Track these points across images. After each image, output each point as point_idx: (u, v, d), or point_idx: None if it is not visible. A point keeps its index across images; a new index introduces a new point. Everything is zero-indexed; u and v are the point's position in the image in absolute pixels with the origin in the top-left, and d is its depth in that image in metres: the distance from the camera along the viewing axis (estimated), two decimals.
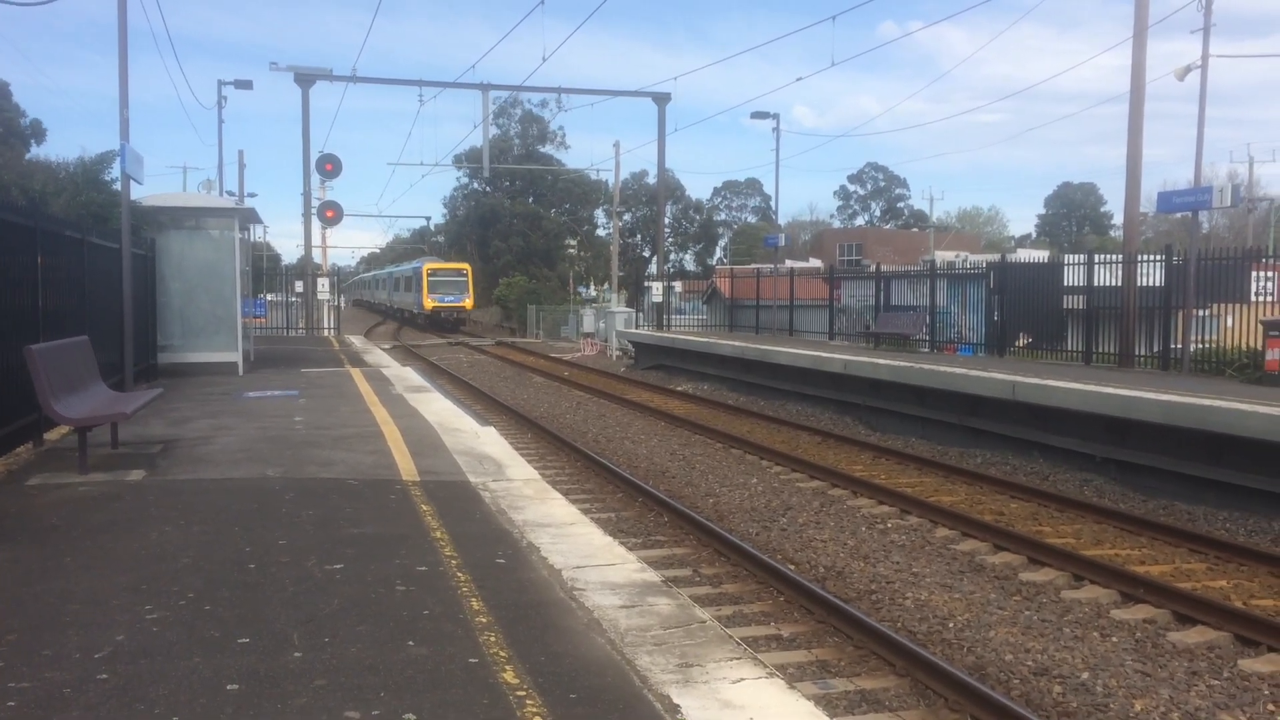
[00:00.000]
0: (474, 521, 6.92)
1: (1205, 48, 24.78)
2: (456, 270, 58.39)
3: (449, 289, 56.29)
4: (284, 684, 4.05)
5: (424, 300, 55.71)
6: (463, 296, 56.73)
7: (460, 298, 56.56)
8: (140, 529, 6.63)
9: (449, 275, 57.53)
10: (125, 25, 13.63)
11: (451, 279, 56.93)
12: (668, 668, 4.29)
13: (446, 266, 59.41)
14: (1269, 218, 60.54)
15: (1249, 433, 10.96)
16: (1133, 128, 19.37)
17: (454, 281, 56.86)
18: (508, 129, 77.78)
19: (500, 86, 38.31)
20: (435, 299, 55.69)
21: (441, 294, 55.97)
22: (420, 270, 57.29)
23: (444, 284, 56.24)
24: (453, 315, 55.84)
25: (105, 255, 13.48)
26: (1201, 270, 17.47)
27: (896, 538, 10.33)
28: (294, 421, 11.64)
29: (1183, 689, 6.52)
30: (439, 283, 56.22)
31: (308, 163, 34.30)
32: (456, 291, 56.39)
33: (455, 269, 58.76)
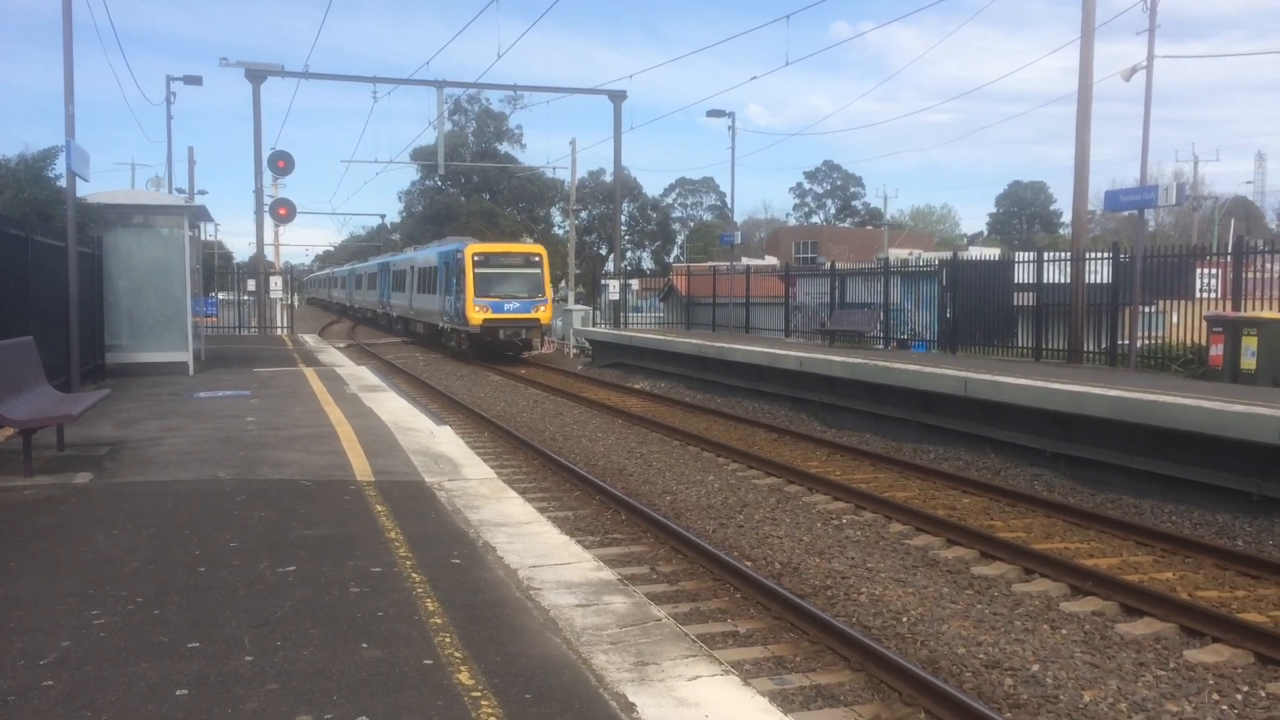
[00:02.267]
0: (429, 521, 6.88)
1: (1151, 49, 25.24)
2: (525, 257, 32.77)
3: (512, 288, 31.66)
4: (235, 688, 4.00)
5: (468, 308, 30.94)
6: (536, 302, 31.81)
7: (532, 303, 31.67)
8: (87, 533, 6.51)
9: (512, 265, 32.21)
10: (70, 19, 13.37)
11: (517, 271, 32.07)
12: (624, 666, 4.29)
13: (507, 249, 33.76)
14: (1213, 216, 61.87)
15: (1192, 427, 11.19)
16: (1080, 127, 19.68)
17: (521, 276, 32.01)
18: (464, 126, 77.44)
19: (455, 84, 38.11)
20: (487, 306, 31.03)
21: (500, 297, 31.32)
22: (460, 258, 32.03)
23: (503, 280, 31.67)
24: (517, 335, 31.27)
25: (50, 254, 13.22)
26: (1147, 268, 17.81)
27: (851, 533, 10.41)
28: (246, 422, 11.49)
29: (1130, 680, 6.65)
30: (496, 278, 31.56)
31: (259, 160, 33.89)
32: (526, 293, 31.75)
33: (522, 253, 33.31)
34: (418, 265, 40.52)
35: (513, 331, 30.90)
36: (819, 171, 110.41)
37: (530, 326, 31.36)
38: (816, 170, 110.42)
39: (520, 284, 31.61)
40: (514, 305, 31.03)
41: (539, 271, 32.07)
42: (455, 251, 32.90)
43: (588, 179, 79.53)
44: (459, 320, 32.01)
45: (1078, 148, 19.71)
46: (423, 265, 39.13)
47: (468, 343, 31.81)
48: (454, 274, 32.56)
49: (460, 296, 31.58)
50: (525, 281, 31.79)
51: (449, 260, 33.55)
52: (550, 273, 33.10)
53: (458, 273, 31.98)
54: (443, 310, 34.56)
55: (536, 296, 31.62)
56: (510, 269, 31.88)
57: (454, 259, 32.73)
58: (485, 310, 30.72)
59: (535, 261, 32.31)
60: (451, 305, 32.98)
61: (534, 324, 31.53)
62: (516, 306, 31.04)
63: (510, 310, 30.95)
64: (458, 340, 33.00)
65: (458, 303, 31.96)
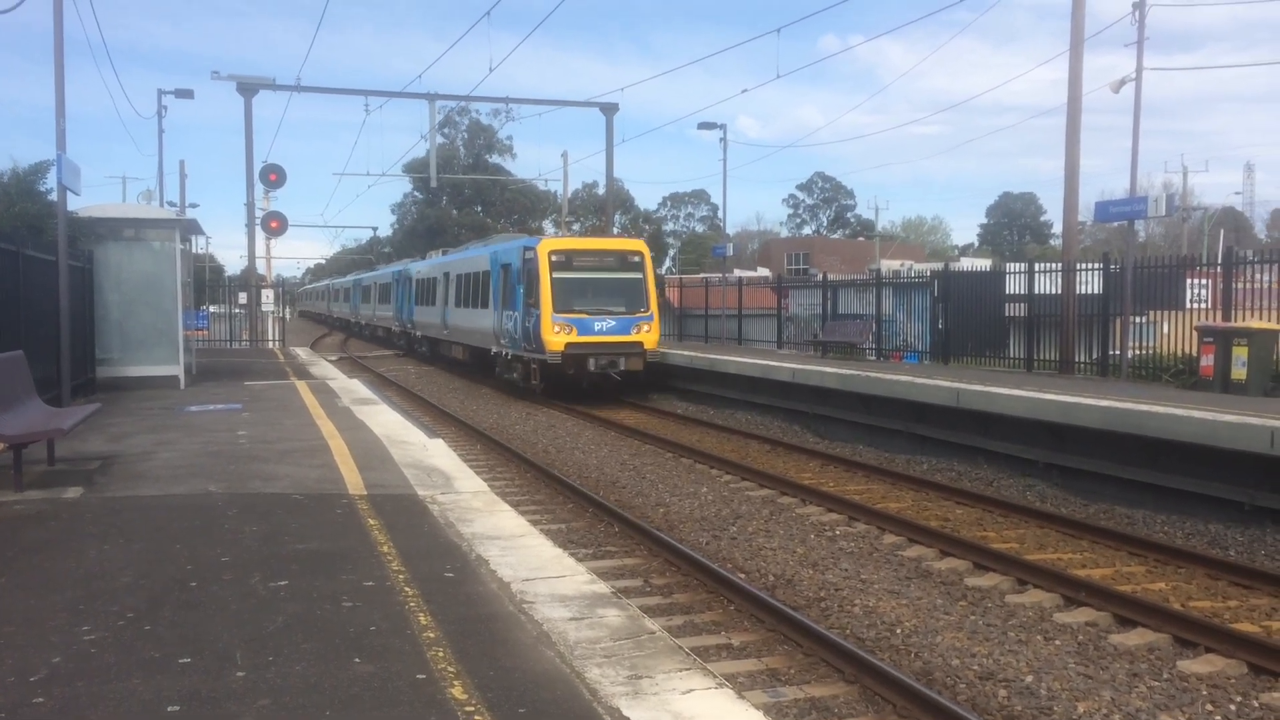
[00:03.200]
0: (422, 535, 6.86)
1: (1139, 61, 25.40)
2: (621, 256, 23.99)
3: (606, 299, 23.14)
4: (226, 704, 3.98)
5: (542, 328, 22.46)
6: (638, 319, 23.05)
7: (632, 321, 22.96)
8: (78, 547, 6.48)
9: (604, 267, 23.66)
10: (61, 34, 13.37)
11: (611, 276, 23.53)
12: (618, 680, 4.28)
13: (596, 246, 24.69)
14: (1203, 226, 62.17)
15: (1184, 437, 11.22)
16: (1070, 139, 19.78)
17: (617, 283, 23.48)
18: (455, 139, 77.51)
19: (447, 96, 38.19)
20: (569, 325, 22.47)
21: (588, 312, 22.73)
22: (529, 258, 23.49)
23: (593, 288, 23.14)
24: (613, 365, 22.68)
25: (41, 267, 13.19)
26: (1138, 278, 17.87)
27: (845, 545, 10.41)
28: (237, 436, 11.46)
29: (1124, 690, 6.64)
30: (582, 285, 23.09)
31: (251, 173, 33.84)
32: (624, 305, 23.16)
33: (617, 250, 24.34)
34: (456, 272, 30.92)
35: (607, 360, 22.08)
36: (811, 183, 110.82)
37: (630, 353, 22.25)
38: (808, 182, 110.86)
39: (616, 293, 22.92)
40: (608, 324, 22.31)
41: (640, 276, 23.16)
42: (521, 250, 23.83)
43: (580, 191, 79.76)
44: (528, 344, 22.96)
45: (1067, 159, 19.81)
46: (464, 271, 29.73)
47: (540, 374, 22.66)
48: (518, 280, 23.67)
49: (530, 312, 22.71)
50: (623, 290, 22.97)
51: (509, 262, 24.66)
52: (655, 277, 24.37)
53: (526, 279, 23.11)
54: (498, 330, 25.28)
55: (638, 310, 22.77)
56: (602, 272, 23.06)
57: (519, 260, 23.76)
58: (567, 330, 22.00)
59: (635, 262, 23.33)
60: (514, 324, 23.85)
61: (635, 350, 22.35)
62: (612, 326, 22.31)
63: (602, 331, 22.29)
64: (522, 371, 23.81)
65: (526, 320, 22.98)
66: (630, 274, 23.34)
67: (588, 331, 22.31)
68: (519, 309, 23.66)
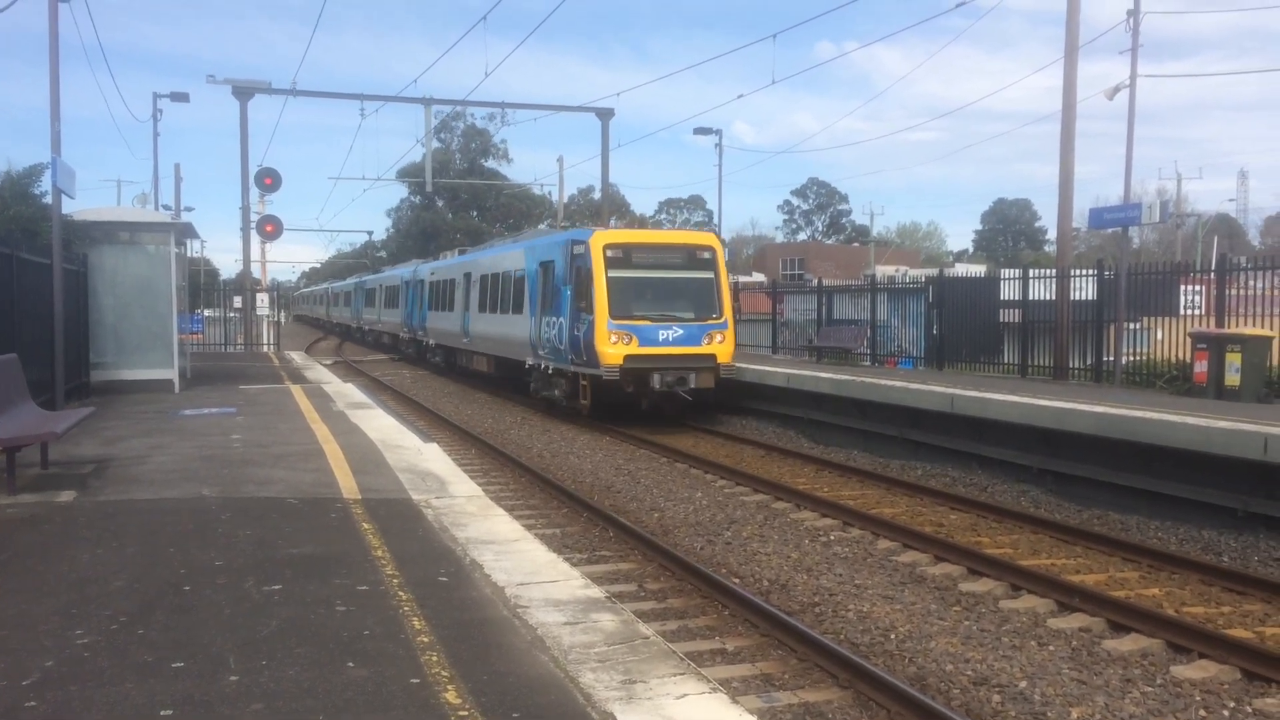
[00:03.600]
0: (416, 539, 6.85)
1: (1133, 68, 25.47)
2: (688, 252, 20.17)
3: (672, 303, 19.64)
4: (219, 709, 3.97)
5: (596, 337, 18.73)
6: (709, 326, 19.39)
7: (703, 329, 19.32)
8: (71, 551, 6.46)
9: (669, 265, 19.96)
10: (56, 37, 13.37)
11: (678, 276, 19.89)
12: (611, 685, 4.28)
13: (660, 240, 21.94)
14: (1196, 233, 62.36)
15: (1178, 443, 11.24)
16: (1065, 146, 19.83)
17: (685, 284, 19.89)
18: (450, 143, 77.50)
19: (443, 101, 38.16)
20: (629, 334, 18.78)
21: (651, 318, 19.12)
22: (580, 254, 19.76)
23: (656, 290, 19.62)
24: (681, 382, 18.86)
25: (35, 271, 13.17)
26: (1132, 284, 17.91)
27: (839, 550, 10.41)
28: (231, 440, 11.44)
29: (1117, 696, 6.65)
30: (643, 287, 19.51)
31: (246, 177, 33.83)
32: (692, 311, 19.57)
33: (683, 244, 20.67)
34: (481, 272, 27.08)
35: (675, 376, 18.52)
36: (806, 189, 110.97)
37: (701, 367, 18.78)
38: (803, 187, 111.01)
39: (684, 296, 19.47)
40: (675, 333, 18.83)
41: (712, 275, 19.62)
42: (567, 245, 20.15)
43: (576, 196, 79.80)
44: (576, 356, 19.39)
45: (1062, 166, 19.85)
46: (491, 271, 26.02)
47: (591, 392, 19.12)
48: (564, 280, 20.10)
49: (580, 318, 19.16)
50: (692, 291, 19.52)
51: (551, 259, 21.04)
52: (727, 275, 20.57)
53: (575, 278, 19.59)
54: (536, 340, 21.59)
55: (709, 317, 19.25)
56: (667, 271, 19.54)
57: (565, 257, 20.19)
58: (626, 340, 18.50)
59: (706, 258, 19.74)
60: (557, 332, 20.24)
61: (707, 363, 18.89)
62: (679, 335, 18.83)
63: (669, 341, 18.79)
64: (567, 388, 20.24)
65: (574, 328, 19.38)
66: (700, 273, 19.66)
67: (651, 342, 18.67)
68: (564, 314, 19.82)
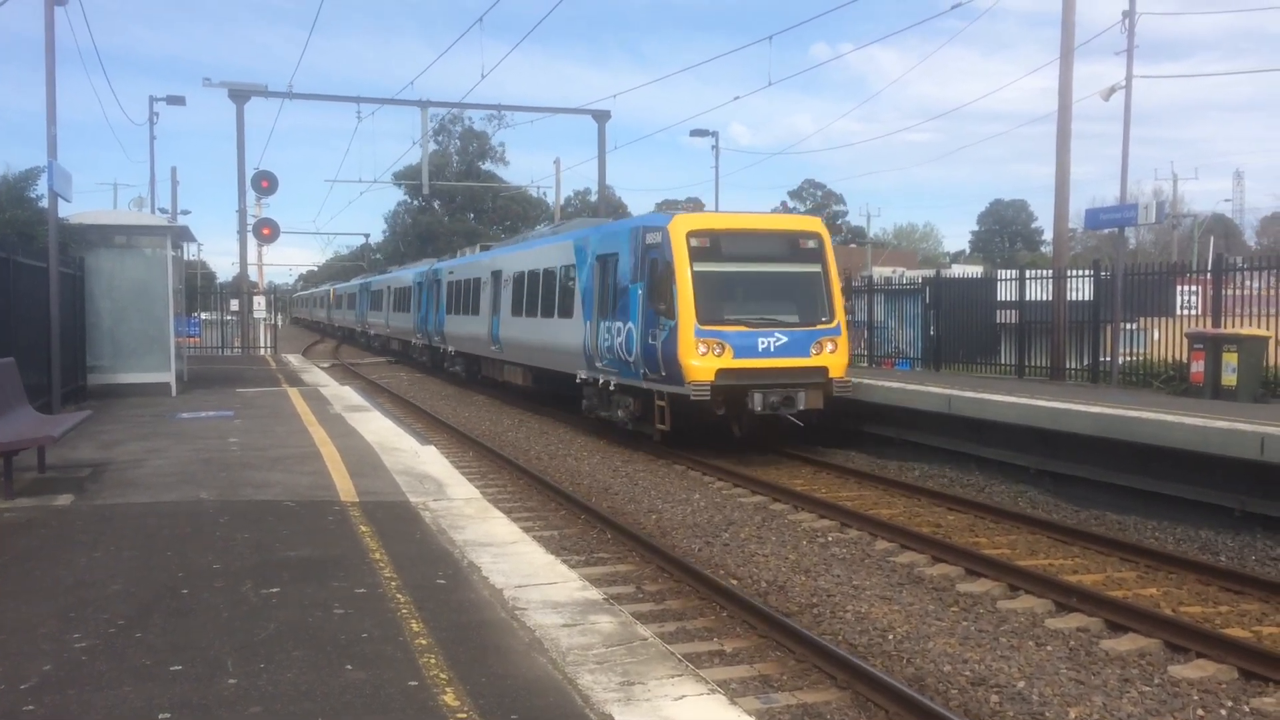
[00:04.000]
0: (414, 542, 6.85)
1: (1129, 69, 25.52)
2: (790, 240, 16.20)
3: (772, 304, 15.80)
4: (217, 712, 3.97)
5: (679, 348, 14.88)
6: (818, 332, 15.60)
7: (810, 336, 15.52)
8: (68, 555, 6.46)
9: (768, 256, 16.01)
10: (52, 40, 13.36)
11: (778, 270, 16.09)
12: (610, 686, 4.28)
13: (755, 225, 16.35)
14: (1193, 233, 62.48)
15: (1175, 443, 11.26)
16: (1061, 147, 19.86)
17: (787, 280, 16.13)
18: (447, 146, 77.55)
19: (440, 104, 38.16)
20: (721, 343, 14.96)
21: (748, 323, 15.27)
22: (657, 243, 15.65)
23: (753, 287, 15.97)
24: (788, 402, 15.10)
25: (32, 274, 13.16)
26: (1129, 285, 17.94)
27: (837, 551, 10.42)
28: (229, 443, 11.43)
29: (1115, 696, 6.66)
30: (737, 283, 15.85)
31: (243, 180, 33.80)
32: (796, 314, 15.78)
33: (783, 231, 16.46)
34: (515, 269, 23.26)
35: (780, 395, 14.97)
36: (802, 190, 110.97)
37: (810, 383, 15.25)
38: (799, 189, 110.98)
39: (787, 294, 15.93)
40: (777, 341, 15.24)
41: (819, 269, 16.07)
42: (637, 234, 16.28)
43: (573, 198, 79.81)
44: (652, 370, 15.63)
45: (1058, 167, 19.88)
46: (528, 268, 22.17)
47: (671, 414, 15.44)
48: (633, 277, 16.28)
49: (658, 323, 15.45)
50: (796, 289, 16.00)
51: (614, 251, 17.20)
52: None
53: (650, 274, 15.79)
54: (593, 349, 17.75)
55: (819, 320, 15.69)
56: (765, 264, 15.94)
57: (633, 247, 16.36)
58: (717, 350, 14.90)
59: (811, 248, 16.12)
60: (624, 340, 16.44)
61: (816, 377, 15.31)
62: (783, 344, 15.25)
63: (770, 351, 15.17)
64: (637, 407, 16.57)
65: (648, 335, 15.65)
66: (805, 266, 16.03)
67: (748, 353, 14.99)
68: (633, 319, 16.08)
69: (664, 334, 15.31)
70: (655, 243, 15.74)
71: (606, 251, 17.62)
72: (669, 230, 15.49)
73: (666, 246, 15.44)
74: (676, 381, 15.10)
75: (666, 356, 15.23)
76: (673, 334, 15.10)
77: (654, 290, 15.70)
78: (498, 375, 25.05)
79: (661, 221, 15.92)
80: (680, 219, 15.82)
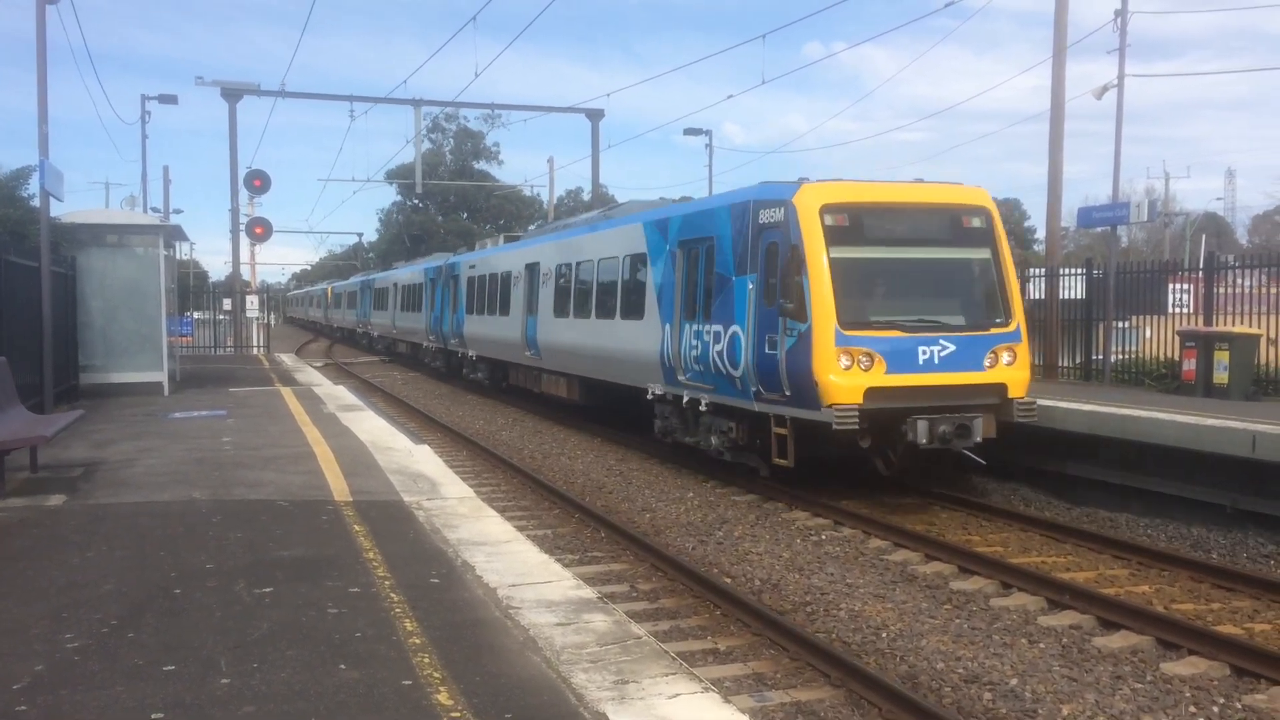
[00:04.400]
0: (407, 541, 6.84)
1: (1121, 67, 25.57)
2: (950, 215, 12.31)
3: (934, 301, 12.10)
4: (210, 712, 3.97)
5: (814, 359, 11.18)
6: (992, 340, 11.80)
7: (983, 343, 11.75)
8: (60, 555, 6.44)
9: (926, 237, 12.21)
10: (44, 39, 13.32)
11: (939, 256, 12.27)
12: (604, 685, 4.28)
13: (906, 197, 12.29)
14: (1185, 232, 62.65)
15: (1167, 441, 11.28)
16: (1053, 146, 19.90)
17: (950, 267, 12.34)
18: (441, 144, 77.39)
19: (433, 102, 38.12)
20: (871, 354, 11.23)
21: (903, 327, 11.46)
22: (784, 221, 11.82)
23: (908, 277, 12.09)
24: (961, 431, 11.21)
25: (23, 274, 13.12)
26: (1121, 283, 17.99)
27: (831, 549, 10.43)
28: (222, 442, 11.41)
29: (1108, 693, 6.68)
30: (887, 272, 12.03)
31: (235, 178, 33.75)
32: (962, 314, 12.08)
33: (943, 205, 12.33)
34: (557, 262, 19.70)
35: (954, 423, 11.42)
36: None
37: (985, 404, 11.82)
38: None
39: (951, 289, 12.55)
40: (943, 350, 11.68)
41: (989, 255, 12.56)
42: (749, 210, 12.78)
43: (566, 197, 79.72)
44: (771, 389, 12.09)
45: (1050, 166, 19.92)
46: (581, 259, 18.49)
47: (793, 446, 11.95)
48: (739, 266, 12.85)
49: (775, 326, 11.99)
50: (962, 282, 12.64)
51: (713, 234, 13.61)
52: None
53: (766, 262, 12.34)
54: (674, 358, 14.36)
55: (991, 323, 12.21)
56: (922, 248, 12.41)
57: (744, 228, 12.82)
58: (865, 363, 11.39)
59: (978, 229, 12.58)
60: (727, 348, 12.90)
61: (992, 397, 11.86)
62: (950, 354, 11.71)
63: (935, 364, 11.62)
64: (739, 435, 13.12)
65: (763, 342, 12.21)
66: (972, 250, 12.43)
67: (906, 365, 11.37)
68: (742, 320, 12.47)
69: (790, 341, 11.58)
70: (774, 221, 12.08)
71: (695, 236, 14.05)
72: (795, 205, 11.78)
73: (792, 226, 11.72)
74: (808, 403, 11.37)
75: (794, 371, 11.49)
76: (804, 341, 11.37)
77: (772, 284, 12.00)
78: (533, 386, 21.74)
79: (783, 194, 12.09)
80: (810, 189, 11.92)
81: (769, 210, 12.29)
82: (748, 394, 12.53)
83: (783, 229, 11.94)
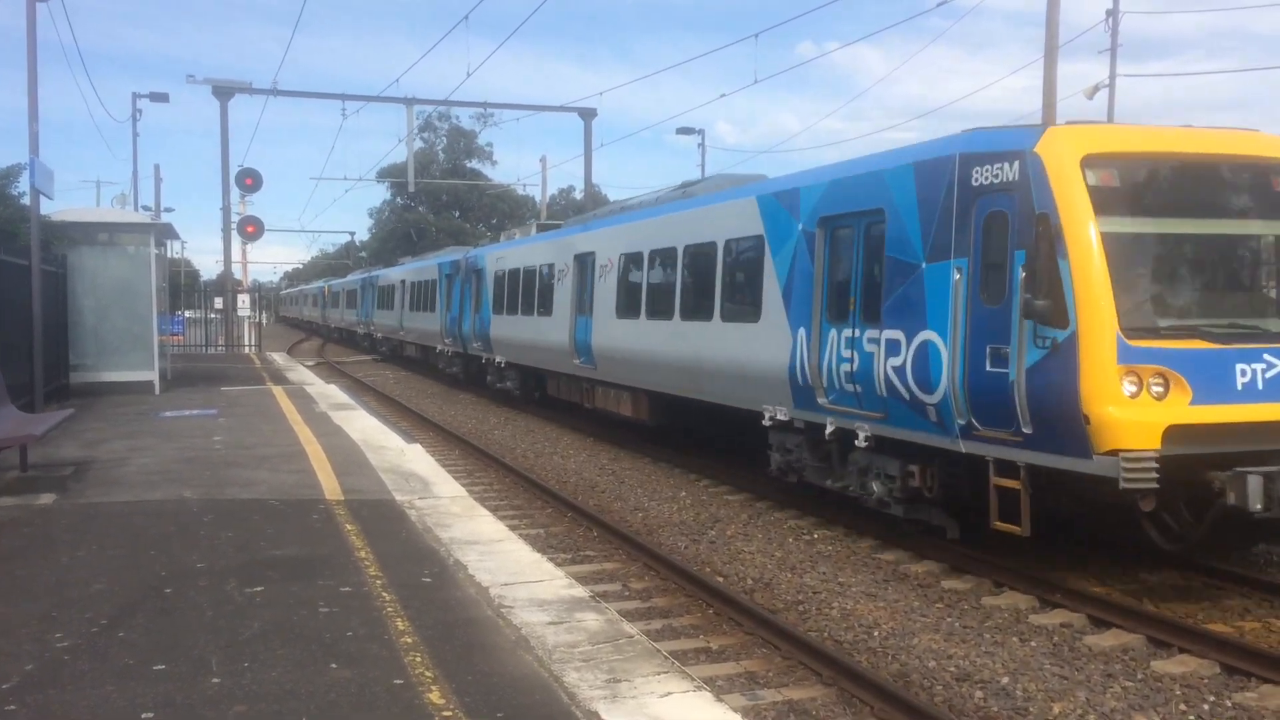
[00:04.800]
0: (399, 540, 6.84)
1: (1113, 67, 25.68)
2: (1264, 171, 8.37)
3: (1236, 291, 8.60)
4: (202, 711, 3.96)
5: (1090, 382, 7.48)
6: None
7: None
8: (51, 554, 6.42)
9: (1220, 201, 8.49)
10: (34, 36, 13.28)
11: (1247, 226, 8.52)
12: (596, 683, 4.28)
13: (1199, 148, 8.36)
14: None
15: None
16: None
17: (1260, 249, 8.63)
18: (434, 143, 77.30)
19: (425, 101, 38.03)
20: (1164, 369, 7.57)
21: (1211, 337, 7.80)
22: (1015, 181, 8.04)
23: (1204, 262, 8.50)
24: None
25: (14, 272, 13.08)
26: None
27: (823, 548, 10.43)
28: (213, 441, 11.38)
29: (1099, 691, 6.69)
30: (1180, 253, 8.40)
31: (227, 177, 33.66)
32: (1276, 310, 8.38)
33: (1248, 159, 8.39)
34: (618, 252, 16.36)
35: None
36: None
37: None
38: None
39: (1274, 279, 8.77)
40: (1270, 369, 7.85)
41: None
42: (953, 164, 8.86)
43: (559, 196, 79.67)
44: (999, 422, 8.27)
45: None
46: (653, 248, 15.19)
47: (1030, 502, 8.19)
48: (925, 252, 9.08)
49: (1005, 336, 8.25)
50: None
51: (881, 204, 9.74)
52: None
53: (984, 244, 8.56)
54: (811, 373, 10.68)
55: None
56: (1223, 219, 8.60)
57: (936, 193, 9.01)
58: (1158, 386, 7.63)
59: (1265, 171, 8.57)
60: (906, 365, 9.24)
61: None
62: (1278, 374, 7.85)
63: (1259, 390, 7.78)
64: (927, 484, 9.52)
65: (982, 356, 8.44)
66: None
67: (1220, 392, 7.83)
68: (939, 325, 8.96)
69: (1037, 354, 8.03)
70: (1001, 182, 8.44)
71: (848, 210, 10.39)
72: (1040, 156, 8.17)
73: (1038, 187, 8.11)
74: (1067, 447, 7.89)
75: (1043, 397, 7.98)
76: (1063, 355, 7.84)
77: (994, 273, 8.56)
78: (583, 400, 18.18)
79: (1017, 142, 8.46)
80: (1061, 134, 8.40)
81: (991, 166, 8.55)
82: (948, 427, 8.90)
83: (1018, 192, 8.25)
